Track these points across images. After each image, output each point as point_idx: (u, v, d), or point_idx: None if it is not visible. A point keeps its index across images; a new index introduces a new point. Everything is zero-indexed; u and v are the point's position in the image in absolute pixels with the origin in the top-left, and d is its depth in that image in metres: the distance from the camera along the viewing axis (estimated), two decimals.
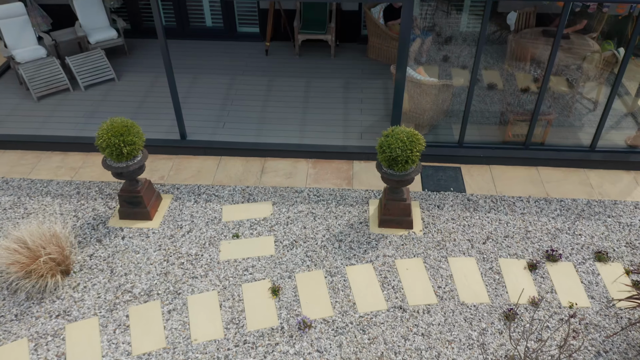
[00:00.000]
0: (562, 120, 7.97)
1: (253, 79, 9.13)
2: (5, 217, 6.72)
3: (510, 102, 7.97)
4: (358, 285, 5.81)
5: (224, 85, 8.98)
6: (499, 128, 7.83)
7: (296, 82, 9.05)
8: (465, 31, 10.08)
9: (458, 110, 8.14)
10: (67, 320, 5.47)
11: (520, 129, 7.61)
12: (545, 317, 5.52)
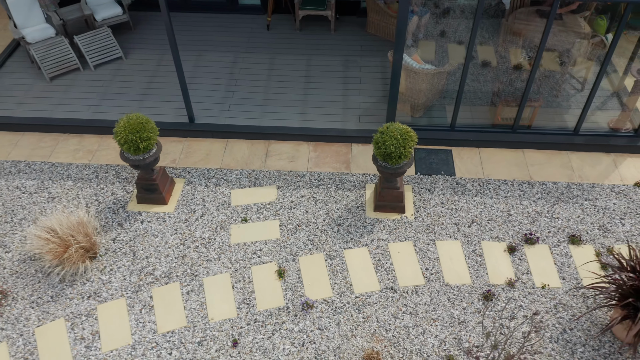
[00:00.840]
0: (550, 101, 8.41)
1: (255, 57, 9.47)
2: (31, 201, 7.33)
3: (500, 86, 8.37)
4: (354, 267, 6.51)
5: (227, 64, 9.34)
6: (490, 110, 8.29)
7: (297, 60, 9.40)
8: (462, 3, 10.29)
9: (452, 89, 8.56)
10: (97, 301, 6.21)
11: (509, 113, 8.08)
12: (520, 297, 6.25)
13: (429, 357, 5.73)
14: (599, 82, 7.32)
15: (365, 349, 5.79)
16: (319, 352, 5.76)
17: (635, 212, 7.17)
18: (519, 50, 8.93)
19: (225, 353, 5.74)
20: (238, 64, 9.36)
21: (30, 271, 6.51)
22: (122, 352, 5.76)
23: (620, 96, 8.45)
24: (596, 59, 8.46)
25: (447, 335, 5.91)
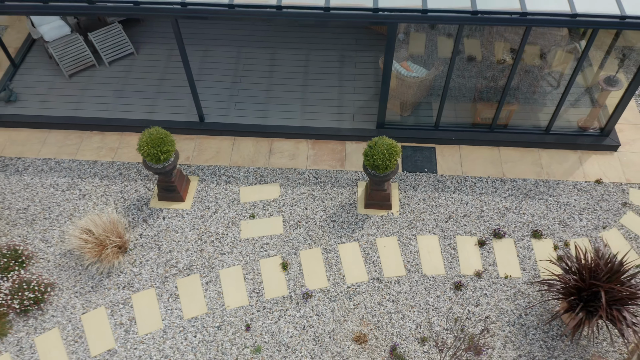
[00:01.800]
0: (526, 100, 9.27)
1: (257, 52, 10.20)
2: (64, 198, 8.39)
3: (481, 88, 9.18)
4: (347, 260, 7.67)
5: (232, 60, 10.10)
6: (471, 109, 9.16)
7: (296, 56, 10.14)
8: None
9: (439, 85, 9.34)
10: (131, 291, 7.41)
11: (487, 114, 8.98)
12: (485, 286, 7.45)
13: (406, 338, 6.99)
14: (569, 88, 8.20)
15: (354, 331, 7.04)
16: (317, 334, 7.02)
17: (593, 207, 8.25)
18: (500, 51, 9.67)
19: (240, 336, 7.00)
20: (241, 59, 10.12)
21: (71, 264, 7.66)
22: (156, 336, 7.01)
23: (591, 95, 9.30)
24: (570, 62, 9.24)
25: (422, 319, 7.15)
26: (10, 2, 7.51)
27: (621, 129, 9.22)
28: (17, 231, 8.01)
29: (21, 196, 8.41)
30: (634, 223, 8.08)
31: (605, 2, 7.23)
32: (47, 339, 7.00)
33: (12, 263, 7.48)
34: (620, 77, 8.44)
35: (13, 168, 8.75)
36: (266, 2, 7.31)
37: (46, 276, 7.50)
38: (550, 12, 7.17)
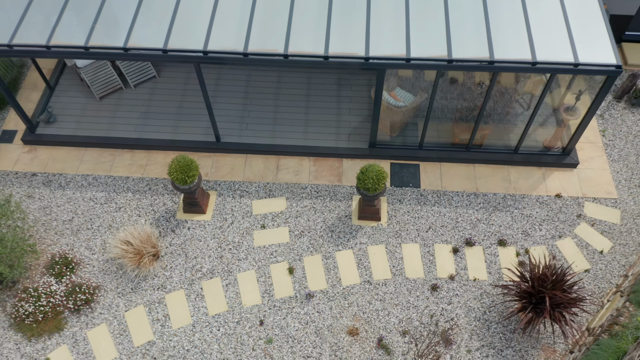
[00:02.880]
0: (499, 121, 10.64)
1: (264, 76, 11.52)
2: (103, 210, 9.88)
3: (458, 114, 10.54)
4: (343, 265, 9.20)
5: (242, 82, 11.43)
6: (451, 130, 10.55)
7: (299, 79, 11.47)
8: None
9: (424, 107, 10.65)
10: (164, 292, 8.97)
11: (464, 135, 10.38)
12: (456, 287, 9.00)
13: (391, 331, 8.58)
14: (534, 117, 9.60)
15: (348, 326, 8.62)
16: (318, 328, 8.61)
17: (552, 219, 9.74)
18: (479, 75, 10.99)
19: (255, 330, 8.59)
20: (251, 82, 11.46)
21: (113, 269, 9.21)
22: (186, 329, 8.61)
23: (556, 118, 10.67)
24: (537, 90, 10.59)
25: (404, 316, 8.72)
26: (56, 49, 8.86)
27: (582, 148, 10.64)
28: (64, 240, 9.53)
29: (65, 209, 9.90)
30: (586, 233, 9.59)
31: (562, 51, 8.57)
32: (97, 332, 8.60)
33: (64, 269, 9.02)
34: (579, 105, 9.81)
35: (56, 183, 10.22)
36: (275, 52, 8.66)
37: (93, 280, 9.06)
38: (515, 60, 8.52)
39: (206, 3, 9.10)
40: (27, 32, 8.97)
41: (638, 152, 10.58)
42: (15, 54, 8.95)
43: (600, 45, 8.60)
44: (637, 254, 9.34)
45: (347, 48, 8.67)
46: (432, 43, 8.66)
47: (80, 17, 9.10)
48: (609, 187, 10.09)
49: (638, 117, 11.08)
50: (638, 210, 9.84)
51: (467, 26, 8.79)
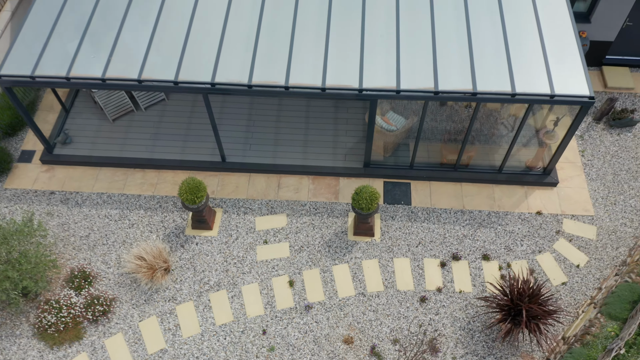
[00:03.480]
0: (486, 139, 11.39)
1: (267, 99, 12.31)
2: (117, 227, 10.68)
3: (447, 136, 11.32)
4: (339, 279, 10.00)
5: (246, 105, 12.22)
6: (440, 151, 11.33)
7: (299, 101, 12.26)
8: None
9: (415, 128, 11.42)
10: (175, 303, 9.76)
11: (452, 156, 11.16)
12: (443, 299, 9.80)
13: (383, 340, 9.37)
14: (514, 144, 10.38)
15: (344, 335, 9.42)
16: (316, 337, 9.40)
17: (532, 235, 10.53)
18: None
19: (259, 338, 9.39)
20: (254, 105, 12.24)
21: (127, 282, 10.01)
22: (195, 338, 9.40)
23: (538, 140, 11.44)
24: (521, 113, 11.36)
25: (395, 325, 9.52)
26: (75, 80, 9.64)
27: (562, 167, 11.43)
28: (82, 255, 10.32)
29: (82, 225, 10.69)
30: (564, 248, 10.38)
31: (540, 83, 9.35)
32: (114, 341, 9.40)
33: (83, 282, 9.82)
34: (557, 130, 10.59)
35: (73, 201, 11.01)
36: (276, 83, 9.45)
37: (110, 292, 9.85)
38: (495, 91, 9.31)
39: (213, 38, 9.89)
40: (47, 64, 9.75)
41: (615, 171, 11.37)
42: (37, 84, 9.74)
43: (575, 77, 9.38)
44: (611, 268, 10.13)
45: (342, 80, 9.46)
46: (420, 75, 9.44)
47: (97, 49, 9.88)
48: (586, 204, 10.88)
49: (616, 137, 11.87)
50: (613, 226, 10.63)
51: (452, 59, 9.57)
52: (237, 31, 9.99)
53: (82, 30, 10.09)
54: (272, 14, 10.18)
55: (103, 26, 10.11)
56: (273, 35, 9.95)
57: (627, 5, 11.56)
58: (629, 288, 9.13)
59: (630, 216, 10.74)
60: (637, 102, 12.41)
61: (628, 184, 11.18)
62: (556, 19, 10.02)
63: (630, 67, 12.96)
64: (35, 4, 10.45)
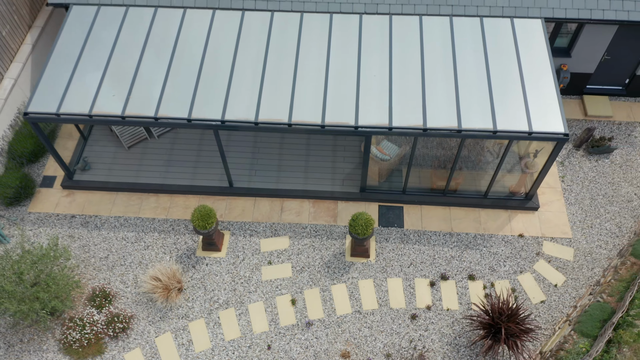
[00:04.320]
0: (474, 164, 12.33)
1: None
2: (134, 249, 11.63)
3: (437, 163, 12.26)
4: (337, 297, 10.95)
5: (251, 134, 13.16)
6: (430, 177, 12.28)
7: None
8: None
9: (407, 155, 12.37)
10: (187, 320, 10.72)
11: (441, 183, 12.11)
12: (432, 316, 10.74)
13: (377, 354, 10.33)
14: (497, 174, 11.32)
15: (341, 350, 10.38)
16: (316, 352, 10.36)
17: (515, 256, 11.48)
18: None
19: (264, 353, 10.35)
20: (259, 135, 13.19)
21: (144, 300, 10.97)
22: (207, 353, 10.37)
23: (520, 168, 12.38)
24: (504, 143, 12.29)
25: (388, 341, 10.47)
26: (97, 117, 10.60)
27: (543, 192, 12.37)
28: (102, 275, 11.28)
29: (101, 247, 11.65)
30: (543, 268, 11.32)
31: (519, 120, 10.29)
32: (133, 355, 10.36)
33: (104, 301, 10.77)
34: (537, 160, 11.53)
35: (93, 224, 11.97)
36: (280, 121, 10.40)
37: (128, 310, 10.81)
38: (478, 129, 10.25)
39: (222, 79, 10.83)
40: (71, 102, 10.70)
41: (592, 195, 12.31)
42: (61, 120, 10.69)
43: (552, 115, 10.32)
44: (586, 288, 11.08)
45: (339, 118, 10.41)
46: (410, 114, 10.39)
47: (116, 87, 10.83)
48: (565, 228, 11.82)
49: (594, 164, 12.81)
50: (589, 248, 11.58)
51: (440, 99, 10.52)
52: (244, 73, 10.94)
53: (102, 69, 11.04)
54: (275, 58, 11.13)
55: (121, 65, 11.07)
56: (277, 76, 10.90)
57: (604, 42, 12.50)
58: (600, 307, 10.08)
59: (605, 239, 11.68)
60: (615, 129, 13.35)
61: (604, 208, 12.12)
62: (536, 61, 10.95)
63: (609, 96, 13.89)
64: (58, 44, 11.40)
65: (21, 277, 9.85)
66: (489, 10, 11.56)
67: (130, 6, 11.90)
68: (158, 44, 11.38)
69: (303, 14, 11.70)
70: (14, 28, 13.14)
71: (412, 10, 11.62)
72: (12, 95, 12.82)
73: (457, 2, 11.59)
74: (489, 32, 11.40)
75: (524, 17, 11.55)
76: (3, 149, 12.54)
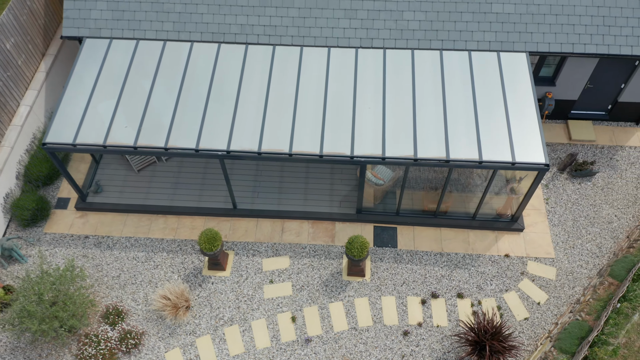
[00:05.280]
0: (464, 187, 13.09)
1: None
2: (144, 268, 12.41)
3: (429, 187, 13.02)
4: (334, 315, 11.73)
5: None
6: (422, 200, 13.05)
7: None
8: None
9: (400, 178, 13.13)
10: (195, 336, 11.51)
11: (432, 206, 12.88)
12: (423, 333, 11.53)
13: None
14: (484, 199, 12.10)
15: None
16: None
17: (501, 275, 12.26)
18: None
19: None
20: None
21: (154, 317, 11.75)
22: None
23: (506, 192, 13.14)
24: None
25: (382, 356, 11.25)
26: (111, 147, 11.37)
27: (528, 214, 13.15)
28: (114, 293, 12.07)
29: (114, 267, 12.43)
30: (527, 287, 12.10)
31: (503, 152, 11.07)
32: None
33: (117, 318, 11.56)
34: (522, 185, 12.31)
35: (105, 244, 12.75)
36: (282, 151, 11.18)
37: (139, 327, 11.60)
38: (465, 159, 11.03)
39: (227, 111, 11.61)
40: (86, 133, 11.48)
41: (574, 217, 13.09)
42: (77, 150, 11.46)
43: (534, 147, 11.10)
44: (567, 306, 11.86)
45: (336, 148, 11.19)
46: (402, 145, 11.17)
47: (129, 118, 11.61)
48: (548, 248, 12.61)
49: (577, 186, 13.59)
50: (571, 268, 12.36)
51: (429, 131, 11.30)
52: (247, 104, 11.72)
53: (115, 100, 11.82)
54: (277, 90, 11.91)
55: (133, 97, 11.85)
56: (278, 108, 11.68)
57: (586, 71, 13.27)
58: (579, 325, 10.86)
59: (586, 259, 12.47)
60: (597, 153, 14.13)
61: (586, 229, 12.90)
62: (520, 93, 11.73)
63: (593, 120, 14.67)
64: (73, 76, 12.18)
65: (41, 298, 10.63)
66: (476, 45, 12.34)
67: (140, 39, 12.67)
68: (167, 76, 12.16)
69: (303, 48, 12.48)
70: (28, 57, 13.92)
71: (405, 44, 12.40)
72: (27, 121, 13.60)
73: (447, 37, 12.37)
74: (477, 65, 12.18)
75: (509, 51, 12.34)
76: (20, 173, 13.32)
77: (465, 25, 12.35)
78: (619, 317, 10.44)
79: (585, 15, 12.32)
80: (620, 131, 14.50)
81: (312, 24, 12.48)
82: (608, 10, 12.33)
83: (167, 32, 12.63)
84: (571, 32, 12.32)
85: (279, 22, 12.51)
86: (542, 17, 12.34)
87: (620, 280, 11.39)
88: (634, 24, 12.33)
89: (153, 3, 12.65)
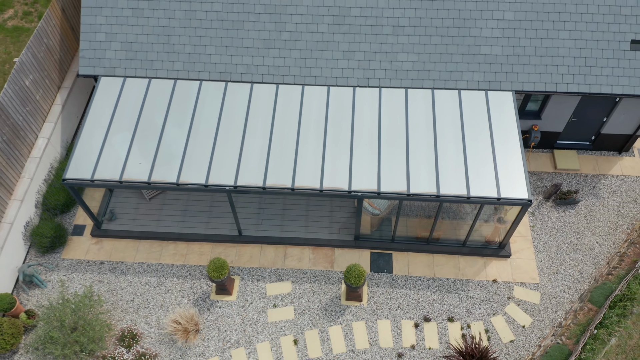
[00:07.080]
0: (455, 214, 13.99)
1: None
2: (155, 292, 13.30)
3: (421, 217, 13.91)
4: (333, 338, 12.62)
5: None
6: (416, 228, 13.94)
7: None
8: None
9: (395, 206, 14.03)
10: (204, 358, 12.40)
11: (425, 233, 13.77)
12: (416, 355, 12.42)
13: None
14: (475, 224, 12.99)
15: None
16: None
17: (489, 300, 13.14)
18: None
19: None
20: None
21: (166, 340, 12.64)
22: None
23: (497, 219, 14.03)
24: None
25: None
26: (127, 183, 12.26)
27: (515, 240, 14.04)
28: (128, 317, 12.96)
29: (128, 291, 13.33)
30: (513, 311, 12.99)
31: (489, 188, 11.96)
32: None
33: (131, 341, 12.45)
34: (508, 216, 13.20)
35: (119, 270, 13.65)
36: (285, 186, 12.07)
37: (153, 349, 12.49)
38: (454, 194, 11.92)
39: (234, 149, 12.50)
40: (103, 170, 12.36)
41: (558, 244, 13.98)
42: (95, 185, 12.35)
43: (518, 184, 11.98)
44: (550, 329, 12.75)
45: (335, 183, 12.08)
46: (396, 180, 12.06)
47: (143, 155, 12.50)
48: (533, 273, 13.49)
49: (561, 214, 14.48)
50: (554, 292, 13.25)
51: (421, 168, 12.19)
52: (252, 140, 12.61)
53: (130, 137, 12.71)
54: (280, 126, 12.80)
55: (146, 133, 12.73)
56: (281, 143, 12.57)
57: (570, 107, 14.16)
58: (559, 349, 11.75)
59: (569, 284, 13.36)
60: (581, 182, 15.02)
61: (569, 256, 13.79)
62: (505, 130, 12.62)
63: (578, 150, 15.56)
64: (90, 113, 13.07)
65: (63, 324, 11.52)
66: (466, 84, 13.23)
67: (152, 78, 13.56)
68: (178, 113, 13.05)
69: (304, 86, 13.37)
70: (45, 91, 14.82)
71: (399, 83, 13.29)
72: (45, 152, 14.49)
73: (438, 77, 13.26)
74: (466, 103, 13.07)
75: (496, 90, 13.23)
76: (38, 202, 14.21)
77: (456, 66, 13.24)
78: (595, 342, 11.33)
79: (568, 57, 13.21)
80: (604, 160, 15.38)
81: (313, 65, 13.37)
82: (590, 51, 13.21)
83: (177, 72, 13.52)
84: (555, 72, 13.20)
85: (282, 62, 13.40)
86: (528, 59, 13.22)
87: (599, 306, 12.28)
88: (614, 64, 13.20)
89: (164, 44, 13.54)
